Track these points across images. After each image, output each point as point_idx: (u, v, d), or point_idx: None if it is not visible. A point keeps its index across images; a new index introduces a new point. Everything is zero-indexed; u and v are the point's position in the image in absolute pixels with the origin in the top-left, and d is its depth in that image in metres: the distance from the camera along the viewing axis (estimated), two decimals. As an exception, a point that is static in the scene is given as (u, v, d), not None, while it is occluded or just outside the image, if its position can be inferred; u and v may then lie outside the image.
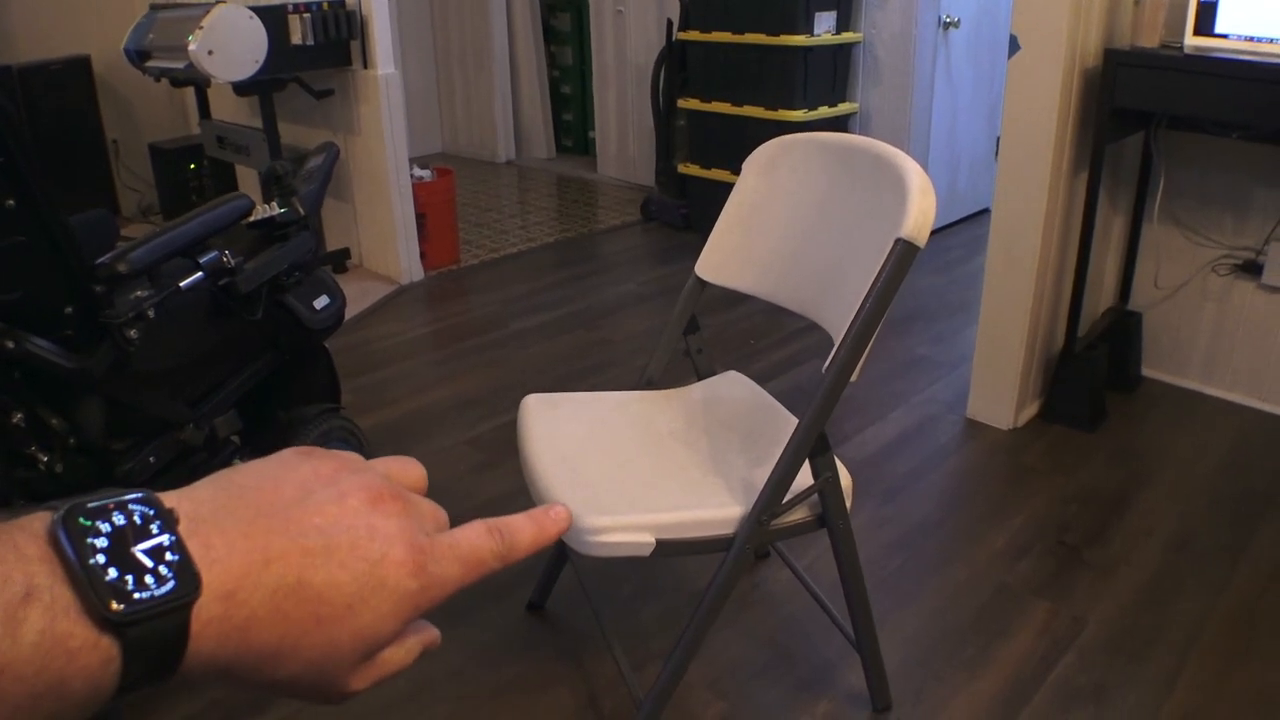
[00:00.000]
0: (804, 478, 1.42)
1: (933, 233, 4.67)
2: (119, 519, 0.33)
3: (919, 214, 1.33)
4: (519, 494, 2.42)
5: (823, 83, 4.42)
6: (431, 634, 0.44)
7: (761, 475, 1.43)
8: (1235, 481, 2.52)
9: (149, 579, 0.33)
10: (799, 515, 1.46)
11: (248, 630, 0.35)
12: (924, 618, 2.03)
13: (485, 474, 2.55)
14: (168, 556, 0.33)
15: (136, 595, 0.32)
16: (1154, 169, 2.89)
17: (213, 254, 1.89)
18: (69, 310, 1.73)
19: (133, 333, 1.74)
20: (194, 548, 0.34)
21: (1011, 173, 2.63)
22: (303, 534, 0.37)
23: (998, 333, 2.77)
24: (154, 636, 0.33)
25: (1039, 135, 2.54)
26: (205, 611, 0.34)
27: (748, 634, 1.98)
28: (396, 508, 0.41)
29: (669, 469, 1.54)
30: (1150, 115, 2.73)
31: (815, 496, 1.45)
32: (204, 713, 1.79)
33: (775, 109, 4.32)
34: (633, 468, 1.54)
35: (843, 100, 4.59)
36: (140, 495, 0.34)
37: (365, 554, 0.38)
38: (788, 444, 1.38)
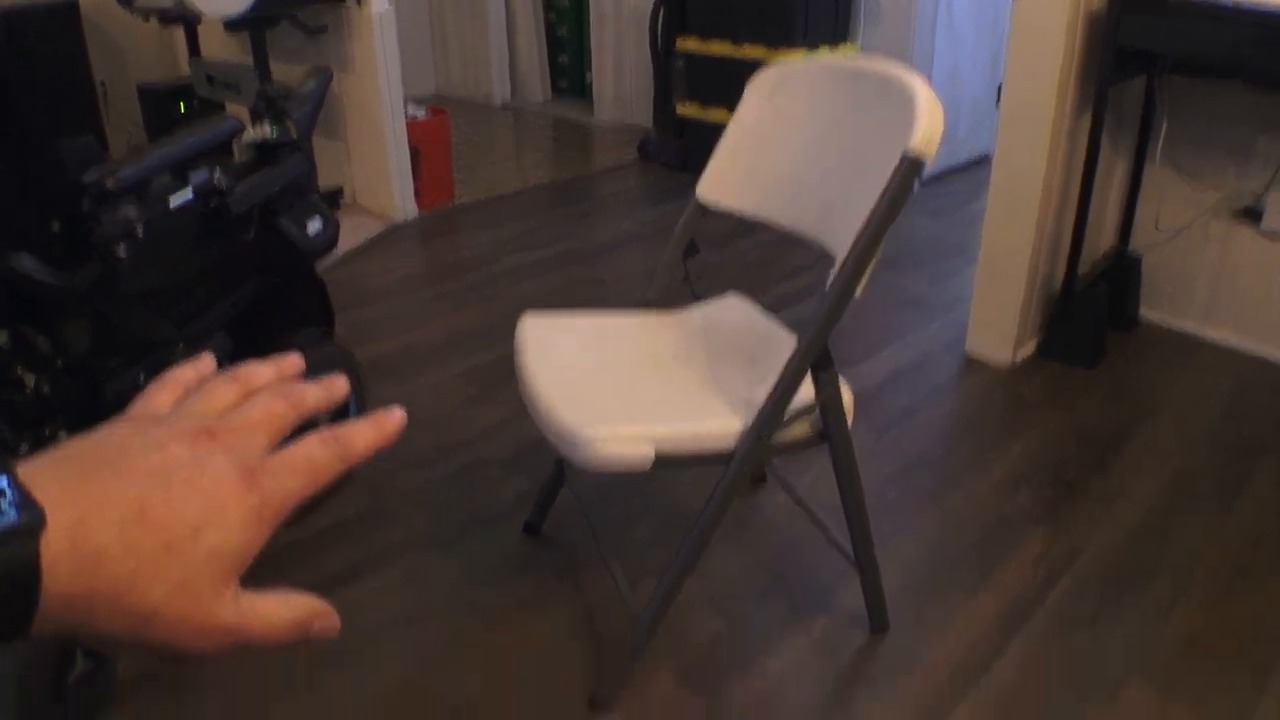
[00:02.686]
0: (805, 393, 1.40)
1: (932, 178, 4.65)
2: None
3: (927, 128, 1.31)
4: (513, 423, 2.41)
5: (823, 23, 4.35)
6: (320, 607, 0.44)
7: (762, 394, 1.41)
8: (1232, 423, 2.51)
9: None
10: (800, 431, 1.44)
11: (99, 563, 0.36)
12: (922, 544, 2.03)
13: (480, 406, 2.53)
14: (8, 495, 0.34)
15: None
16: (1157, 114, 2.85)
17: (203, 174, 1.86)
18: (56, 227, 1.70)
19: (120, 250, 1.71)
20: (37, 494, 0.35)
21: (1015, 113, 2.59)
22: (136, 480, 0.38)
23: (998, 269, 2.74)
24: (2, 568, 0.33)
25: (1043, 77, 2.50)
26: (54, 545, 0.34)
27: (746, 555, 1.97)
28: (216, 445, 0.41)
29: (669, 386, 1.52)
30: (1154, 59, 2.69)
31: (816, 413, 1.43)
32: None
33: (775, 48, 4.25)
34: (632, 384, 1.52)
35: (844, 41, 4.52)
36: None
37: (199, 485, 0.39)
38: (790, 358, 1.36)
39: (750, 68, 4.21)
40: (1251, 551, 2.01)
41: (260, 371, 0.49)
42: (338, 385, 0.49)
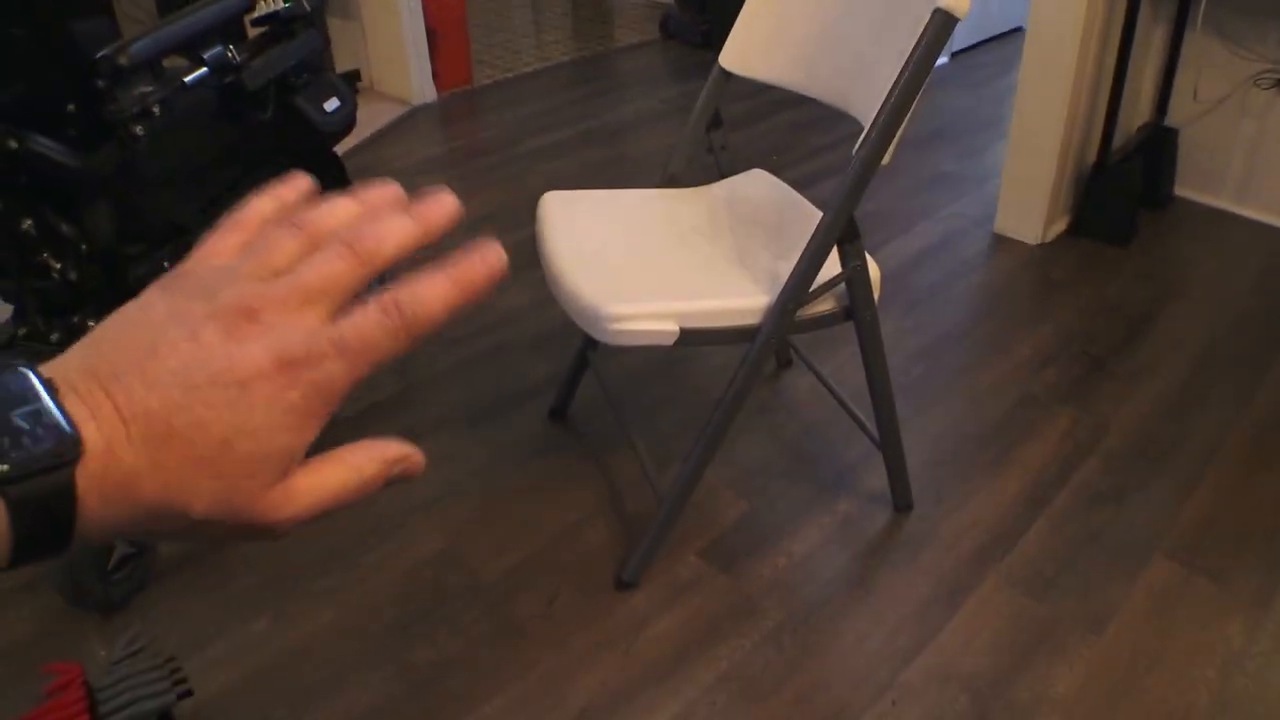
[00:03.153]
0: (831, 267, 1.38)
1: (962, 50, 4.51)
2: None
3: (960, -15, 1.25)
4: (540, 306, 2.40)
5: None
6: (397, 450, 0.41)
7: (787, 268, 1.39)
8: (1264, 301, 2.47)
9: (25, 440, 0.32)
10: (826, 305, 1.43)
11: (129, 486, 0.34)
12: (946, 422, 2.03)
13: (502, 288, 2.51)
14: (44, 419, 0.33)
15: (14, 455, 0.32)
16: (1201, -28, 2.74)
17: (217, 49, 1.82)
18: (72, 108, 1.68)
19: (138, 129, 1.69)
20: (69, 409, 0.34)
21: (1051, -27, 2.49)
22: (160, 383, 0.35)
23: (1029, 145, 2.67)
24: (38, 494, 0.32)
25: (1083, -70, 2.39)
26: (88, 468, 0.33)
27: (770, 438, 1.98)
28: (256, 329, 0.37)
29: (693, 262, 1.50)
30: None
31: (842, 287, 1.42)
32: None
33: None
34: (656, 260, 1.50)
35: (872, -93, 4.34)
36: (16, 365, 0.34)
37: (227, 384, 0.35)
38: (815, 229, 1.33)
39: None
40: (1276, 430, 2.00)
41: (335, 210, 0.42)
42: (440, 207, 0.42)
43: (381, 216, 0.41)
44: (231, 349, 0.36)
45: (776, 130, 3.51)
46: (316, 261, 0.39)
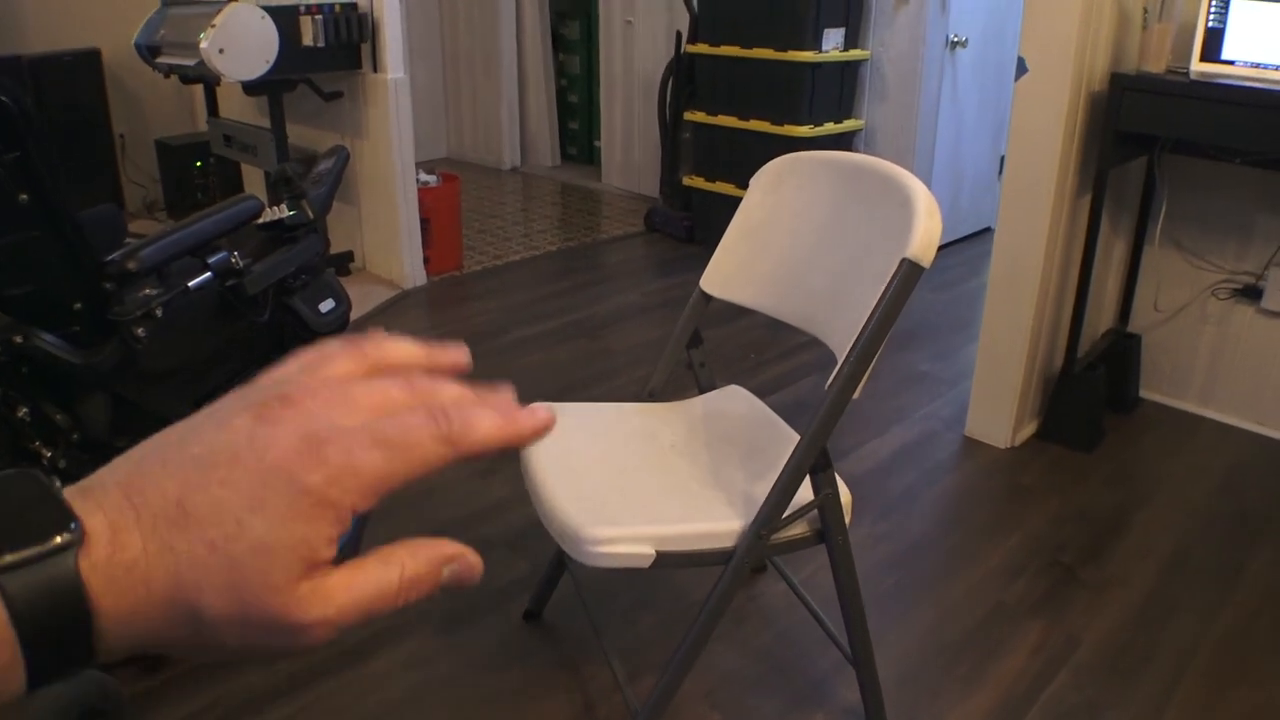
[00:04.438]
0: (804, 493, 1.43)
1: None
2: None
3: (925, 234, 1.35)
4: (517, 501, 2.43)
5: (829, 99, 4.44)
6: (450, 549, 0.38)
7: (762, 490, 1.44)
8: (1231, 504, 2.54)
9: (23, 532, 0.31)
10: (798, 530, 1.47)
11: (138, 573, 0.32)
12: (919, 634, 2.04)
13: (486, 479, 2.56)
14: (46, 512, 0.32)
15: (11, 544, 0.31)
16: (1156, 193, 2.91)
17: (221, 254, 1.91)
18: (78, 306, 1.74)
19: (141, 330, 1.75)
20: (77, 506, 0.33)
21: (1016, 194, 2.65)
22: (179, 467, 0.34)
23: (998, 352, 2.78)
24: (40, 584, 0.30)
25: (1044, 157, 2.56)
26: (94, 555, 0.32)
27: (743, 647, 1.99)
28: (289, 412, 0.35)
29: (670, 481, 1.55)
30: (1154, 139, 2.75)
31: (815, 512, 1.46)
32: (204, 712, 1.79)
33: (781, 124, 4.34)
34: (634, 479, 1.55)
35: (849, 116, 4.61)
36: (28, 471, 0.33)
37: (247, 462, 0.34)
38: (789, 459, 1.39)
39: (757, 142, 4.34)
40: (1250, 637, 2.02)
41: (400, 348, 0.41)
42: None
43: (446, 378, 0.40)
44: (257, 429, 0.34)
45: (754, 328, 3.63)
46: (374, 381, 0.38)
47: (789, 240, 1.69)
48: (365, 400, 0.37)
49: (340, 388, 0.37)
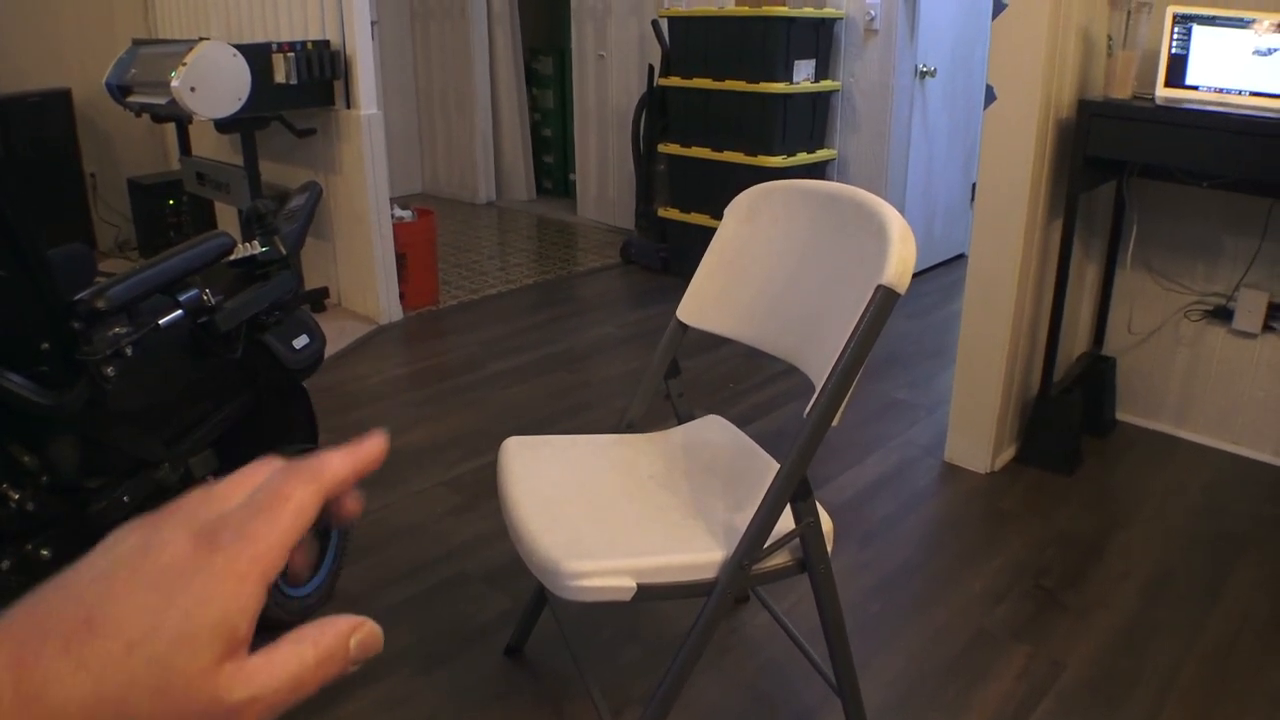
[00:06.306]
0: (785, 522, 1.42)
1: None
2: None
3: (899, 261, 1.35)
4: (496, 536, 2.41)
5: (801, 129, 4.48)
6: (348, 621, 0.39)
7: (743, 520, 1.43)
8: (1209, 524, 2.54)
9: None
10: (780, 560, 1.46)
11: (53, 693, 0.32)
12: (903, 661, 2.03)
13: (462, 516, 2.54)
14: None
15: None
16: (1126, 217, 2.94)
17: (193, 292, 1.88)
18: (45, 346, 1.71)
19: (110, 370, 1.72)
20: None
21: (988, 221, 2.66)
22: (80, 591, 0.34)
23: (974, 377, 2.79)
24: None
25: (1014, 184, 2.58)
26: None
27: (727, 679, 1.97)
28: (172, 520, 0.37)
29: (650, 513, 1.54)
30: (1122, 164, 2.78)
31: (796, 541, 1.45)
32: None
33: (754, 155, 4.36)
34: (614, 511, 1.53)
35: (821, 147, 4.64)
36: None
37: (147, 567, 0.35)
38: (769, 488, 1.38)
39: (730, 173, 4.36)
40: (1232, 656, 2.02)
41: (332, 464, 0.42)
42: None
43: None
44: (150, 539, 0.36)
45: (733, 357, 3.63)
46: (261, 483, 0.40)
47: (765, 269, 1.69)
48: (230, 490, 0.40)
49: (204, 490, 0.40)
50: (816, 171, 4.58)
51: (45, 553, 1.79)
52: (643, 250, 5.00)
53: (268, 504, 0.37)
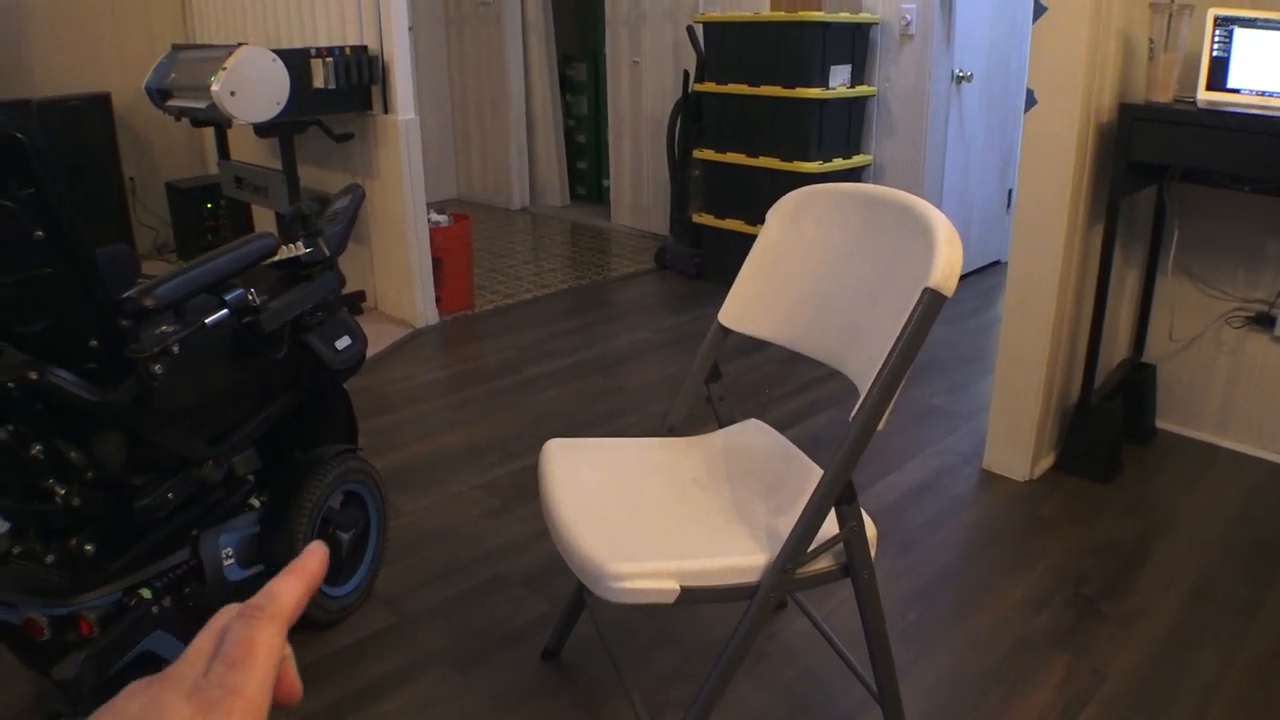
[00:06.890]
0: (828, 526, 1.41)
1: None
2: None
3: (946, 264, 1.34)
4: (533, 539, 2.41)
5: (837, 135, 4.46)
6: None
7: (785, 523, 1.42)
8: (1251, 533, 2.51)
9: None
10: (824, 564, 1.45)
11: None
12: (944, 669, 2.01)
13: (500, 518, 2.54)
14: None
15: None
16: (1167, 222, 2.91)
17: (238, 291, 1.90)
18: (94, 343, 1.73)
19: (157, 368, 1.74)
20: None
21: (1027, 226, 2.64)
22: None
23: (1014, 385, 2.77)
24: None
25: (1055, 189, 2.56)
26: None
27: (766, 685, 1.96)
28: (163, 684, 0.41)
29: (692, 516, 1.53)
30: (1164, 169, 2.75)
31: (839, 545, 1.45)
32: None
33: (790, 160, 4.35)
34: (656, 514, 1.53)
35: (857, 152, 4.63)
36: None
37: None
38: (814, 492, 1.37)
39: (766, 178, 4.35)
40: (1274, 666, 1.99)
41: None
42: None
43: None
44: (147, 707, 0.39)
45: (770, 362, 3.62)
46: (197, 641, 0.44)
47: (808, 272, 1.68)
48: (202, 645, 0.43)
49: (182, 657, 0.43)
50: (852, 177, 4.56)
51: (89, 548, 1.81)
52: (677, 256, 5.00)
53: (240, 656, 0.41)
